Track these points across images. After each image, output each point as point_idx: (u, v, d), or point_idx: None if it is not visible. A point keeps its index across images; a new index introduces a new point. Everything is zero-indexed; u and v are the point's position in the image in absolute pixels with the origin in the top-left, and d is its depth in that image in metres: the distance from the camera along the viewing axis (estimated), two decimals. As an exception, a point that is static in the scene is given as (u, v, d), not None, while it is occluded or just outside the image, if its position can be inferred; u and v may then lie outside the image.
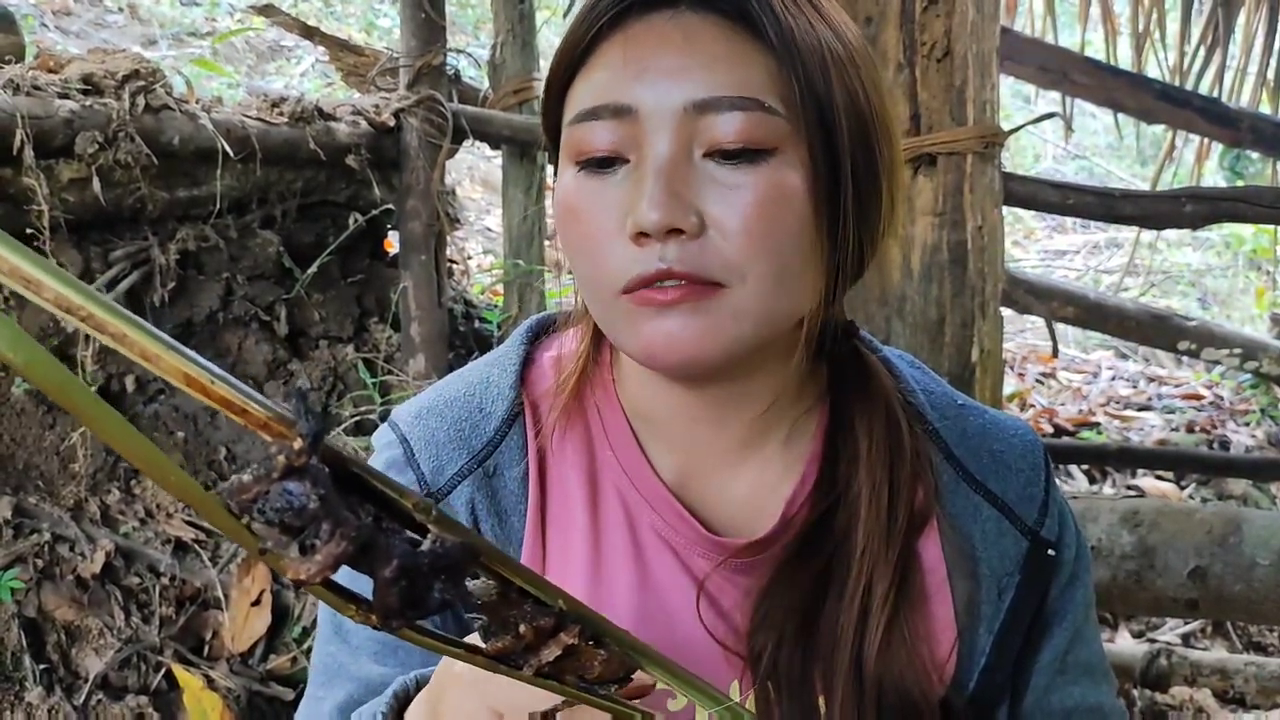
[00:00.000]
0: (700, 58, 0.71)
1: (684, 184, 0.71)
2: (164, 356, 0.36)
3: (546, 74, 0.79)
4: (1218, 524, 1.80)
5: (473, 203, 4.86)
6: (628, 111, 0.72)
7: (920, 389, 0.87)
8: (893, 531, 0.79)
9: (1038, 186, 2.40)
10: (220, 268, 2.37)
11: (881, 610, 0.78)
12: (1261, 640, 3.05)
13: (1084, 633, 0.87)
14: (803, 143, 0.72)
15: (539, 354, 0.88)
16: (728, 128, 0.71)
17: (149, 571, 2.10)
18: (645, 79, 0.72)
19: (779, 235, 0.72)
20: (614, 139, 0.72)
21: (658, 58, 0.72)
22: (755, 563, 0.81)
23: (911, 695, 0.78)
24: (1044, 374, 4.59)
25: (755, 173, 0.71)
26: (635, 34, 0.73)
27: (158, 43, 5.00)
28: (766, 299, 0.72)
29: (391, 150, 2.53)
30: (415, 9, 2.53)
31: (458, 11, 6.07)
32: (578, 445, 0.83)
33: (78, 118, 2.04)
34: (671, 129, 0.71)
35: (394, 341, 2.57)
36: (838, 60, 0.73)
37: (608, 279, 0.73)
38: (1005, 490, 0.84)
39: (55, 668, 1.96)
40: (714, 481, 0.83)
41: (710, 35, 0.72)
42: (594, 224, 0.74)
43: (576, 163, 0.75)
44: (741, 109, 0.71)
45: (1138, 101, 3.46)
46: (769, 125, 0.71)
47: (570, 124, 0.75)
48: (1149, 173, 5.68)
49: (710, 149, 0.71)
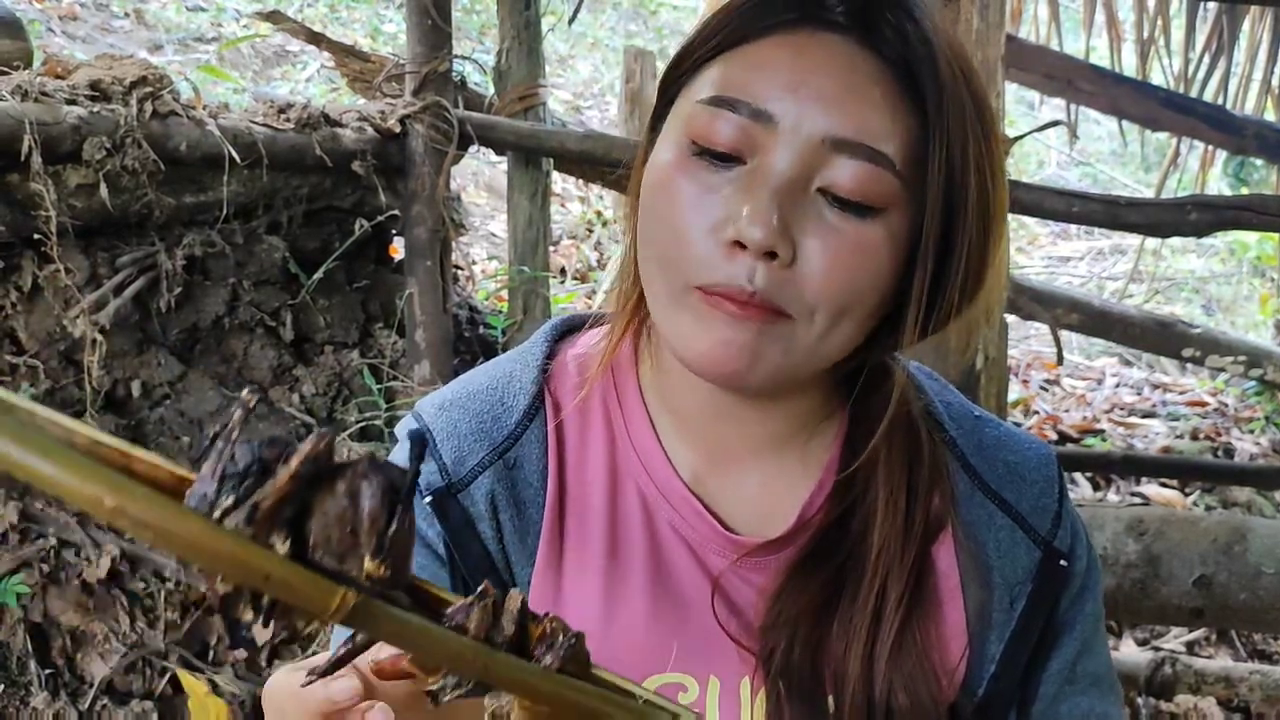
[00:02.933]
0: (855, 96, 0.71)
1: (793, 210, 0.71)
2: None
3: (695, 31, 0.77)
4: (1223, 532, 1.80)
5: (477, 208, 4.86)
6: (768, 118, 0.71)
7: (938, 400, 0.88)
8: (909, 536, 0.80)
9: (1043, 194, 2.40)
10: (226, 273, 2.38)
11: (895, 614, 0.79)
12: (1266, 648, 3.04)
13: (1093, 644, 0.87)
14: (910, 209, 0.73)
15: (563, 351, 0.89)
16: (851, 175, 0.71)
17: (154, 577, 2.11)
18: (799, 94, 0.71)
19: (860, 289, 0.73)
20: (742, 138, 0.72)
21: (817, 77, 0.72)
22: (769, 562, 0.82)
23: (921, 699, 0.79)
24: (1048, 381, 4.59)
25: (862, 226, 0.72)
26: (804, 45, 0.73)
27: (163, 48, 5.02)
28: (821, 340, 0.74)
29: (397, 156, 2.54)
30: (421, 15, 2.53)
31: (463, 18, 6.08)
32: (598, 441, 0.85)
33: (85, 124, 2.05)
34: (801, 153, 0.71)
35: (399, 347, 2.58)
36: (977, 139, 0.74)
37: (687, 270, 0.73)
38: (1019, 500, 0.85)
39: (60, 672, 1.96)
40: (731, 479, 0.84)
41: (871, 76, 0.72)
42: (692, 212, 0.73)
43: (693, 143, 0.74)
44: (873, 162, 0.71)
45: (1142, 108, 3.46)
46: (890, 187, 0.72)
47: (701, 101, 0.74)
48: (1153, 179, 5.68)
49: (827, 187, 0.72)
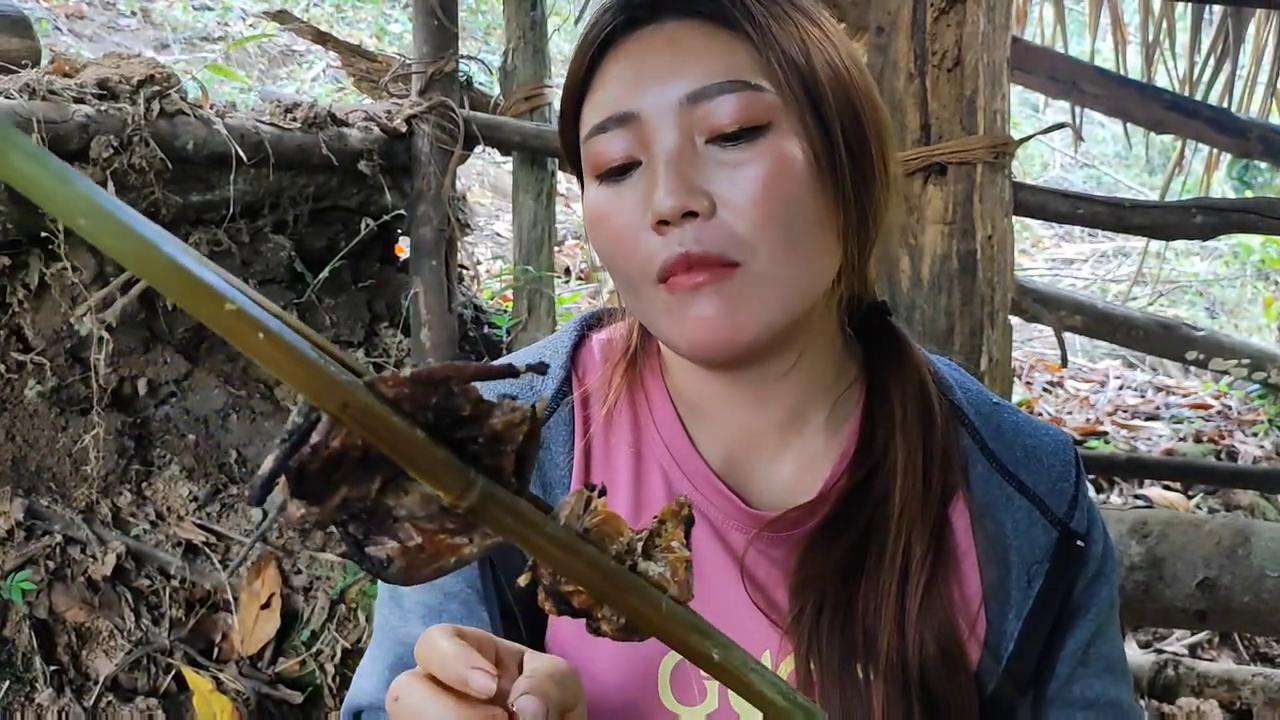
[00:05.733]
0: (687, 56, 0.78)
1: (692, 170, 0.76)
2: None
3: (559, 106, 0.86)
4: (1226, 535, 1.80)
5: (482, 208, 4.87)
6: (632, 118, 0.78)
7: (958, 387, 0.90)
8: (929, 495, 0.83)
9: (1048, 196, 2.40)
10: (232, 272, 2.35)
11: (921, 571, 0.81)
12: (1269, 652, 3.04)
13: (1107, 629, 0.89)
14: (794, 113, 0.77)
15: (591, 339, 0.92)
16: (722, 111, 0.76)
17: (159, 574, 2.11)
18: (642, 85, 0.78)
19: (785, 204, 0.76)
20: (624, 145, 0.78)
21: (649, 63, 0.79)
22: (792, 537, 0.84)
23: (951, 650, 0.81)
24: (1051, 383, 4.59)
25: (754, 149, 0.76)
26: (627, 49, 0.80)
27: (170, 47, 5.03)
28: (782, 266, 0.76)
29: (403, 156, 2.54)
30: (427, 15, 2.54)
31: (469, 18, 6.09)
32: (624, 425, 0.87)
33: (93, 122, 2.05)
34: (673, 123, 0.77)
35: (404, 346, 2.58)
36: (813, 37, 0.79)
37: (640, 271, 0.78)
38: (1037, 483, 0.87)
39: (65, 669, 1.97)
40: (758, 465, 0.86)
41: (693, 36, 0.79)
42: (620, 225, 0.79)
43: (596, 176, 0.81)
44: (731, 91, 0.76)
45: (1147, 111, 3.45)
46: (759, 102, 0.77)
47: (585, 142, 0.81)
48: (1157, 182, 5.68)
49: (711, 134, 0.77)
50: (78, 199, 0.36)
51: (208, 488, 2.26)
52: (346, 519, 0.46)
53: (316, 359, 0.41)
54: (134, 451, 2.24)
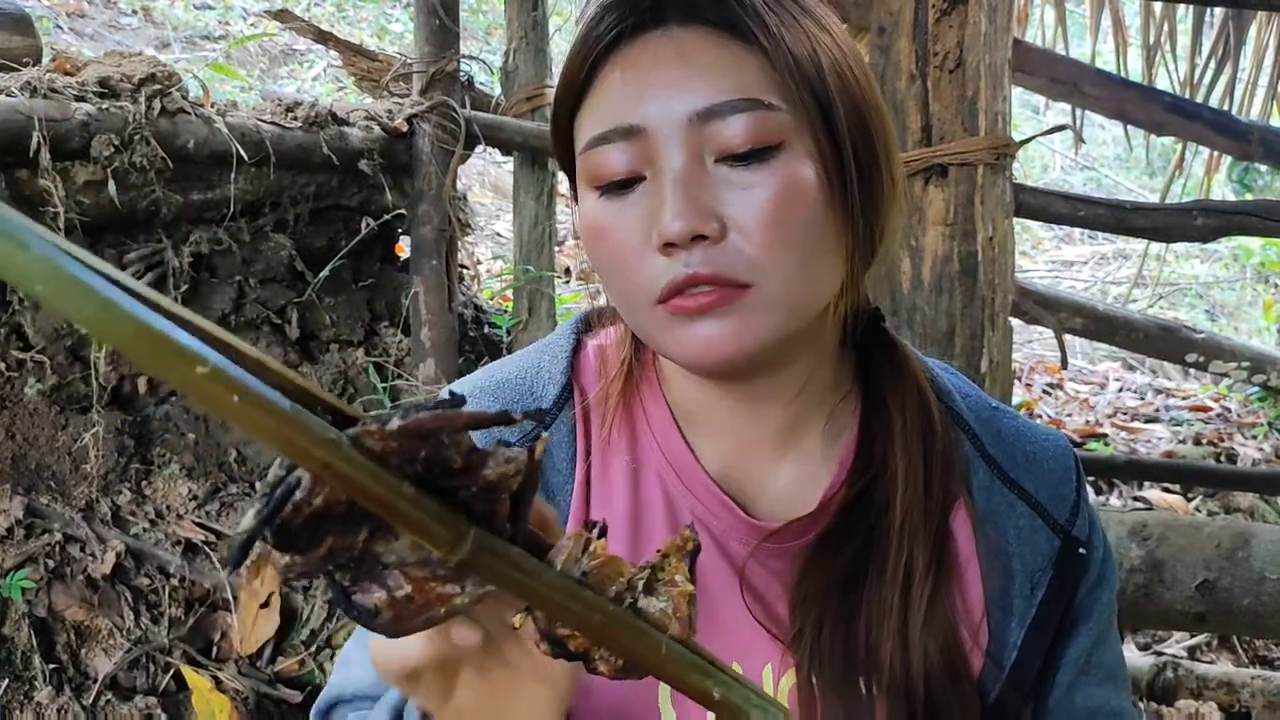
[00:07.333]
0: (696, 68, 0.74)
1: (701, 191, 0.73)
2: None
3: (551, 109, 0.82)
4: (1226, 538, 1.80)
5: (483, 208, 4.87)
6: (637, 131, 0.75)
7: (957, 393, 0.89)
8: (930, 505, 0.82)
9: (1049, 198, 2.41)
10: (233, 271, 2.39)
11: (924, 584, 0.80)
12: (1268, 654, 3.04)
13: (1107, 636, 0.89)
14: (806, 133, 0.75)
15: (588, 343, 0.91)
16: (734, 131, 0.73)
17: (159, 573, 2.11)
18: (648, 96, 0.74)
19: (797, 226, 0.74)
20: (628, 159, 0.75)
21: (656, 75, 0.75)
22: (792, 548, 0.83)
23: (955, 665, 0.80)
24: (1051, 385, 4.59)
25: (767, 170, 0.74)
26: (631, 56, 0.76)
27: (171, 45, 5.03)
28: (791, 288, 0.74)
29: (404, 155, 2.54)
30: (429, 15, 2.54)
31: (470, 18, 6.09)
32: (623, 432, 0.86)
33: (94, 120, 2.05)
34: (681, 140, 0.74)
35: (404, 346, 2.58)
36: (826, 49, 0.76)
37: (641, 292, 0.76)
38: (1038, 489, 0.86)
39: (65, 668, 1.97)
40: (756, 474, 0.85)
41: (702, 46, 0.75)
42: (621, 242, 0.76)
43: (596, 188, 0.77)
44: (744, 110, 0.73)
45: (1148, 113, 3.45)
46: (772, 121, 0.74)
47: (583, 152, 0.78)
48: (1157, 184, 5.68)
49: (721, 154, 0.74)
50: (33, 264, 0.33)
51: (207, 486, 2.26)
52: (333, 569, 0.45)
53: (296, 416, 0.39)
54: (134, 450, 2.23)
